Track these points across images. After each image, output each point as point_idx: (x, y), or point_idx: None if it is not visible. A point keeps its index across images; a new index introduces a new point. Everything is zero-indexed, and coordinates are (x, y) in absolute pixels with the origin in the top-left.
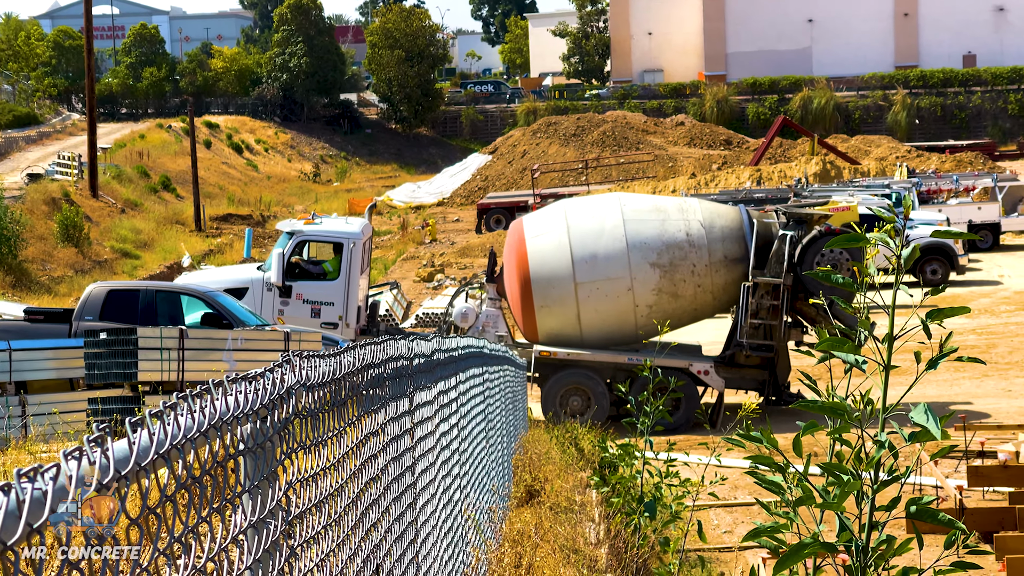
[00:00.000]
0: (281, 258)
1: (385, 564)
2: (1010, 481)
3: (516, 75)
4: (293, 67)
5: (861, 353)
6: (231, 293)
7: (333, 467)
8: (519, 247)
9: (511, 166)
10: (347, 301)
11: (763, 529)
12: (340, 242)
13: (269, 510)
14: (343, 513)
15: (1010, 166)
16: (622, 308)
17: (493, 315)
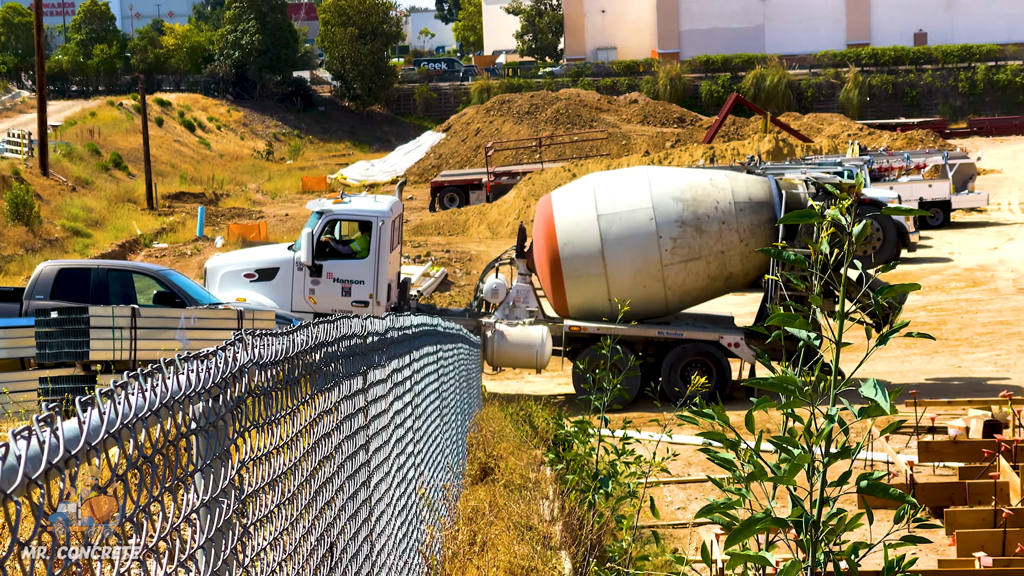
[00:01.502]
0: (310, 238)
1: (339, 542)
2: (960, 456)
3: (470, 53)
4: (245, 44)
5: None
6: (261, 274)
7: (286, 446)
8: (548, 222)
9: (465, 144)
10: (377, 279)
11: (715, 505)
12: (369, 220)
13: (222, 489)
14: (296, 492)
15: (960, 144)
16: (652, 282)
17: (523, 290)
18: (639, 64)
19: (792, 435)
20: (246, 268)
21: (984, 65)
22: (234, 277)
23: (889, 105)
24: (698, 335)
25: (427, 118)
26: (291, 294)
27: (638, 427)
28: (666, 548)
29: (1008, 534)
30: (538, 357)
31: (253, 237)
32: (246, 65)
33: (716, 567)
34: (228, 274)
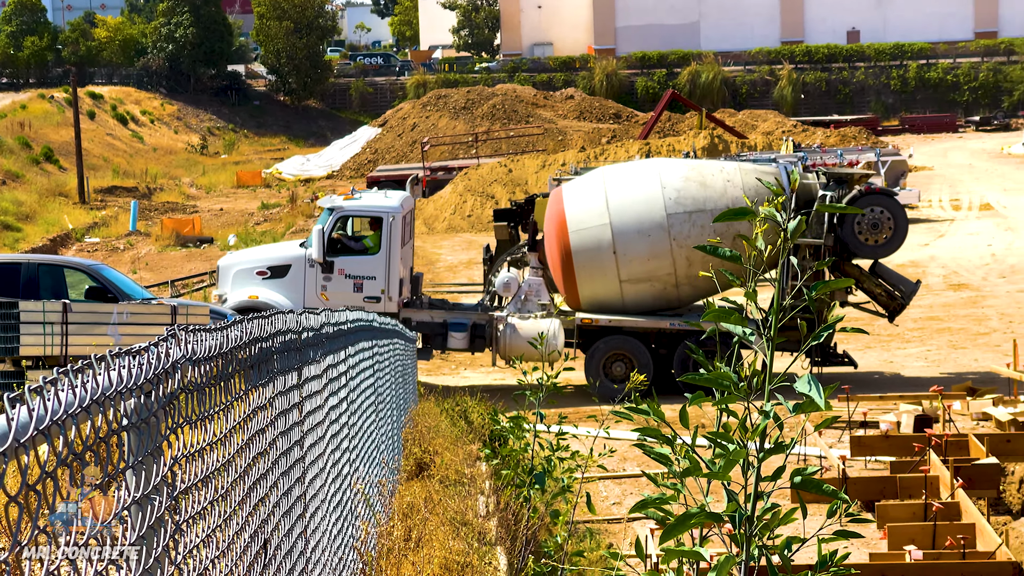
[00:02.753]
0: (321, 234)
1: (273, 539)
2: (891, 451)
3: (406, 48)
4: (179, 37)
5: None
6: (274, 271)
7: (220, 442)
8: (559, 216)
9: (401, 139)
10: (388, 275)
11: (650, 500)
12: (380, 216)
13: (153, 486)
14: (230, 488)
15: (892, 141)
16: (663, 275)
17: (536, 284)
18: (575, 60)
19: (727, 430)
20: (258, 266)
21: (916, 63)
22: (246, 275)
23: (823, 102)
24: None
25: (363, 113)
26: (303, 291)
27: (575, 423)
28: (601, 543)
29: (938, 528)
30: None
31: (187, 232)
32: (180, 58)
33: (650, 562)
34: (240, 272)
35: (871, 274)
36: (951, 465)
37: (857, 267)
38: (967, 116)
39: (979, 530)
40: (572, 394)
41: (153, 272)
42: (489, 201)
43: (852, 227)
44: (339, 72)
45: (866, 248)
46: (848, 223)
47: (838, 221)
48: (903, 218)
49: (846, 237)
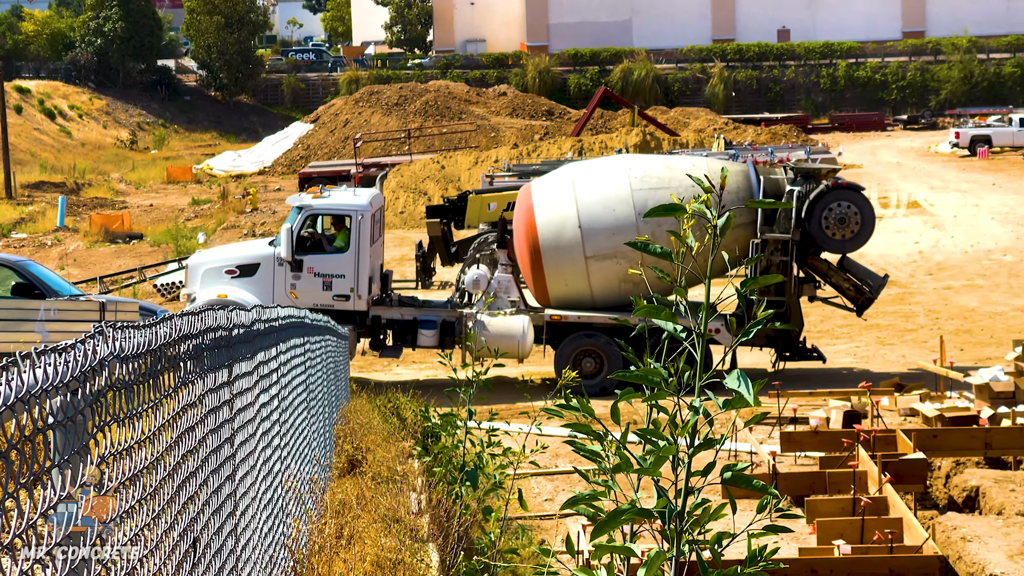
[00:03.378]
0: (289, 233)
1: (203, 537)
2: (821, 446)
3: (338, 43)
4: (108, 32)
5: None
6: (242, 270)
7: (149, 440)
8: (527, 214)
9: (333, 135)
10: (357, 272)
11: (582, 497)
12: (348, 214)
13: (81, 485)
14: (159, 487)
15: (822, 139)
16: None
17: (505, 281)
18: (508, 57)
19: (657, 426)
20: (227, 264)
21: (845, 62)
22: (215, 274)
23: (753, 100)
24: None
25: (295, 109)
26: (272, 289)
27: (507, 419)
28: (534, 540)
29: (866, 522)
30: (520, 347)
31: (116, 227)
32: (109, 53)
33: (582, 558)
34: (209, 271)
35: (839, 268)
36: (879, 460)
37: (825, 262)
38: (895, 115)
39: (906, 524)
40: (505, 390)
41: (81, 268)
42: (422, 198)
43: (819, 222)
44: (271, 68)
45: (833, 242)
46: (815, 218)
47: (806, 216)
48: (870, 212)
49: (813, 232)
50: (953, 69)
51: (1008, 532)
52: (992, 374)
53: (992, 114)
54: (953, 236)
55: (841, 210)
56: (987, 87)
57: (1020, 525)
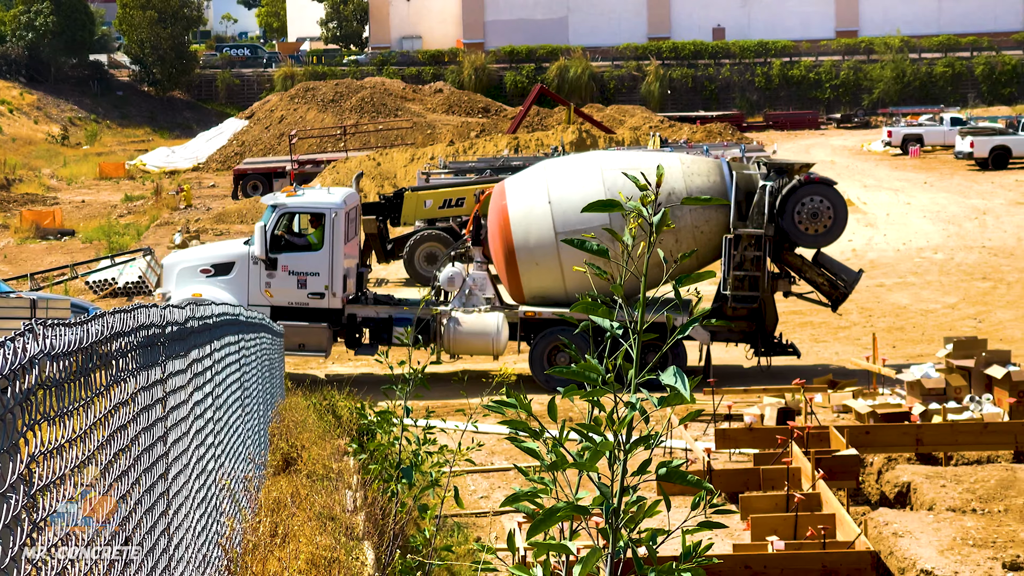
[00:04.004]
0: (263, 231)
1: (135, 536)
2: (755, 443)
3: (273, 39)
4: (40, 26)
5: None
6: (217, 269)
7: (80, 439)
8: (501, 212)
9: (268, 131)
10: (332, 271)
11: (522, 494)
12: (322, 212)
13: (10, 484)
14: (90, 485)
15: (757, 137)
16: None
17: (480, 278)
18: (444, 54)
19: (596, 423)
20: (202, 263)
21: (779, 61)
22: (190, 273)
23: (689, 98)
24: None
25: (230, 105)
26: (247, 288)
27: (443, 417)
28: (469, 537)
29: (799, 518)
30: (494, 344)
31: (48, 224)
32: (40, 47)
33: (519, 555)
34: (184, 270)
35: (814, 264)
36: (812, 457)
37: (799, 257)
38: (829, 113)
39: (839, 520)
40: (441, 387)
41: (12, 265)
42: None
43: (792, 216)
44: (205, 63)
45: (806, 237)
46: (788, 213)
47: (778, 211)
48: (843, 207)
49: (786, 227)
50: (886, 68)
51: (939, 527)
52: (923, 371)
53: (924, 113)
54: (886, 234)
55: (813, 205)
56: (919, 86)
57: (951, 520)
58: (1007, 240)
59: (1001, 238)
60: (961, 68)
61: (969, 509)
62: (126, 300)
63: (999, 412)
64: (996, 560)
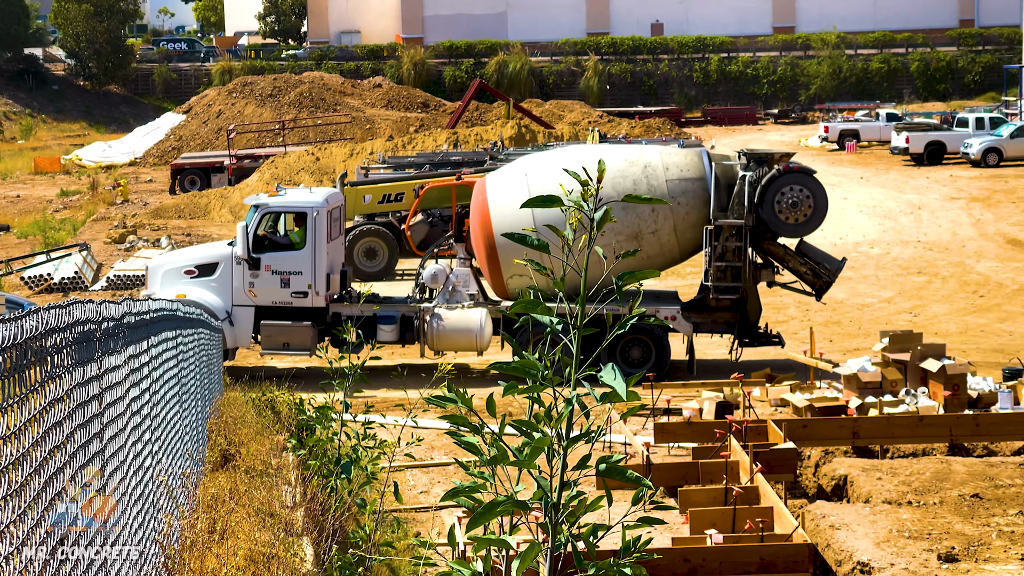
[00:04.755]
0: (245, 231)
1: (71, 534)
2: (694, 437)
3: (211, 33)
4: None
5: None
6: (201, 270)
7: (14, 435)
8: (482, 208)
9: (206, 126)
10: (315, 270)
11: (462, 489)
12: (304, 211)
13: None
14: (25, 483)
15: (695, 132)
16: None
17: (464, 275)
18: (383, 49)
19: (537, 419)
20: (186, 265)
21: (717, 56)
22: (175, 274)
23: (628, 93)
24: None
25: (167, 99)
26: (231, 288)
27: (383, 412)
28: (408, 532)
29: (738, 511)
30: (478, 340)
31: None
32: None
33: (459, 550)
34: (169, 272)
35: (796, 253)
36: (750, 450)
37: (781, 246)
38: (766, 109)
39: (777, 513)
40: (380, 382)
41: None
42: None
43: (772, 206)
44: (142, 57)
45: (787, 227)
46: (768, 203)
47: (758, 201)
48: (823, 196)
49: (766, 217)
50: (822, 64)
51: (875, 520)
52: (860, 364)
53: (860, 109)
54: (822, 229)
55: (793, 194)
56: (855, 82)
57: (887, 513)
58: (942, 235)
59: (936, 233)
60: (896, 64)
61: (905, 501)
62: (62, 296)
63: (934, 405)
64: (931, 552)
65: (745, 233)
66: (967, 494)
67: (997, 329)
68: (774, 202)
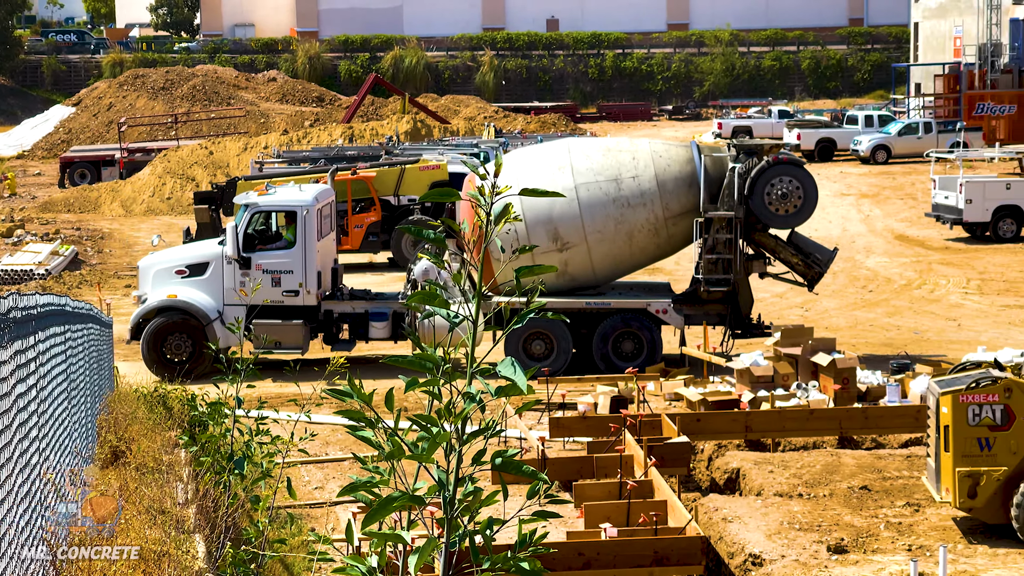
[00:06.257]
0: (235, 231)
1: None
2: (588, 431)
3: (101, 25)
4: None
5: None
6: (192, 269)
7: None
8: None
9: (97, 119)
10: (305, 268)
11: (359, 484)
12: (293, 210)
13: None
14: None
15: (591, 128)
16: (579, 257)
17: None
18: (278, 42)
19: (436, 413)
20: (177, 264)
21: (612, 53)
22: (166, 274)
23: (523, 89)
24: (625, 304)
25: (56, 91)
26: (222, 287)
27: (276, 407)
28: (303, 528)
29: (632, 505)
30: None
31: None
32: None
33: (354, 546)
34: (160, 271)
35: (788, 244)
36: (645, 444)
37: (773, 237)
38: (661, 105)
39: (671, 507)
40: (275, 376)
41: None
42: (189, 184)
43: (762, 198)
44: (30, 49)
45: (777, 218)
46: (758, 194)
47: (748, 192)
48: (812, 187)
49: (756, 208)
50: (716, 61)
51: (767, 512)
52: (752, 359)
53: (753, 105)
54: None
55: (783, 185)
56: (748, 79)
57: (778, 505)
58: (832, 230)
59: (826, 228)
60: (788, 62)
61: (796, 494)
62: None
63: (824, 399)
64: (821, 543)
65: (736, 225)
66: (856, 486)
67: (885, 324)
68: (764, 193)
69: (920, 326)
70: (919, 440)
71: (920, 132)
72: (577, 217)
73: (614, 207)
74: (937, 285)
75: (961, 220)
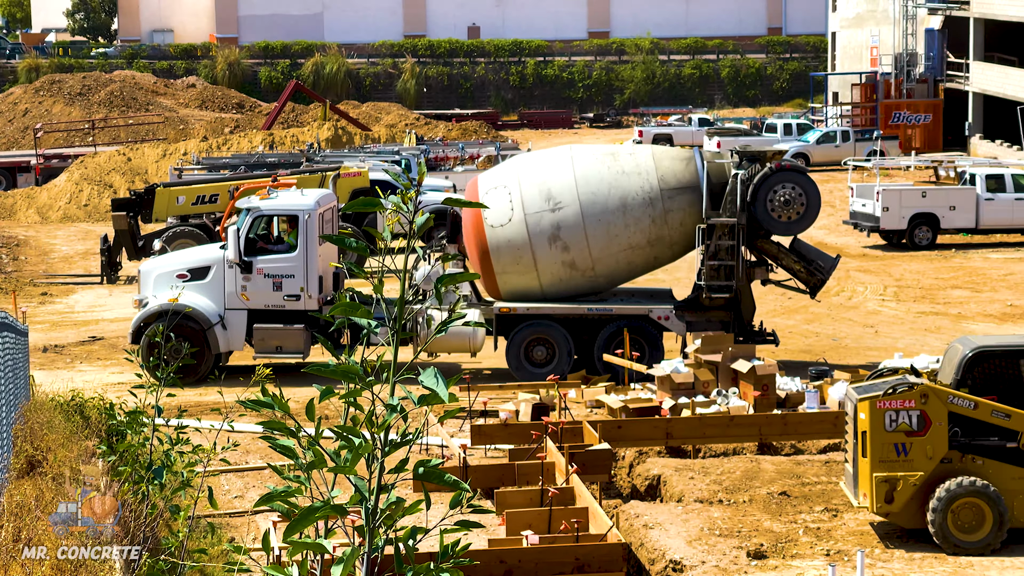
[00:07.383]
0: (236, 235)
1: None
2: (510, 439)
3: (16, 30)
4: None
5: None
6: (194, 273)
7: None
8: (474, 210)
9: (12, 125)
10: (307, 272)
11: (277, 493)
12: (295, 214)
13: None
14: None
15: (512, 135)
16: (580, 263)
17: None
18: (197, 48)
19: (356, 423)
20: (178, 268)
21: (533, 60)
22: (167, 278)
23: (445, 96)
24: (627, 310)
25: None
26: (224, 292)
27: (198, 416)
28: (223, 538)
29: (554, 512)
30: (472, 341)
31: None
32: None
33: (274, 555)
34: (161, 275)
35: (790, 250)
36: (566, 451)
37: (775, 244)
38: (582, 113)
39: (592, 514)
40: (195, 385)
41: None
42: (107, 190)
43: (765, 205)
44: None
45: (779, 225)
46: (760, 201)
47: (751, 199)
48: (815, 193)
49: (759, 215)
50: (636, 69)
51: (687, 518)
52: (673, 366)
53: (673, 114)
54: None
55: (786, 192)
56: (668, 87)
57: (699, 511)
58: None
59: None
60: (708, 70)
61: (716, 500)
62: None
63: (744, 405)
64: (741, 549)
65: (738, 232)
66: (775, 492)
67: (804, 331)
68: (767, 200)
69: (838, 333)
70: (837, 446)
71: (838, 140)
72: (579, 223)
73: (616, 213)
74: (855, 292)
75: (878, 228)
